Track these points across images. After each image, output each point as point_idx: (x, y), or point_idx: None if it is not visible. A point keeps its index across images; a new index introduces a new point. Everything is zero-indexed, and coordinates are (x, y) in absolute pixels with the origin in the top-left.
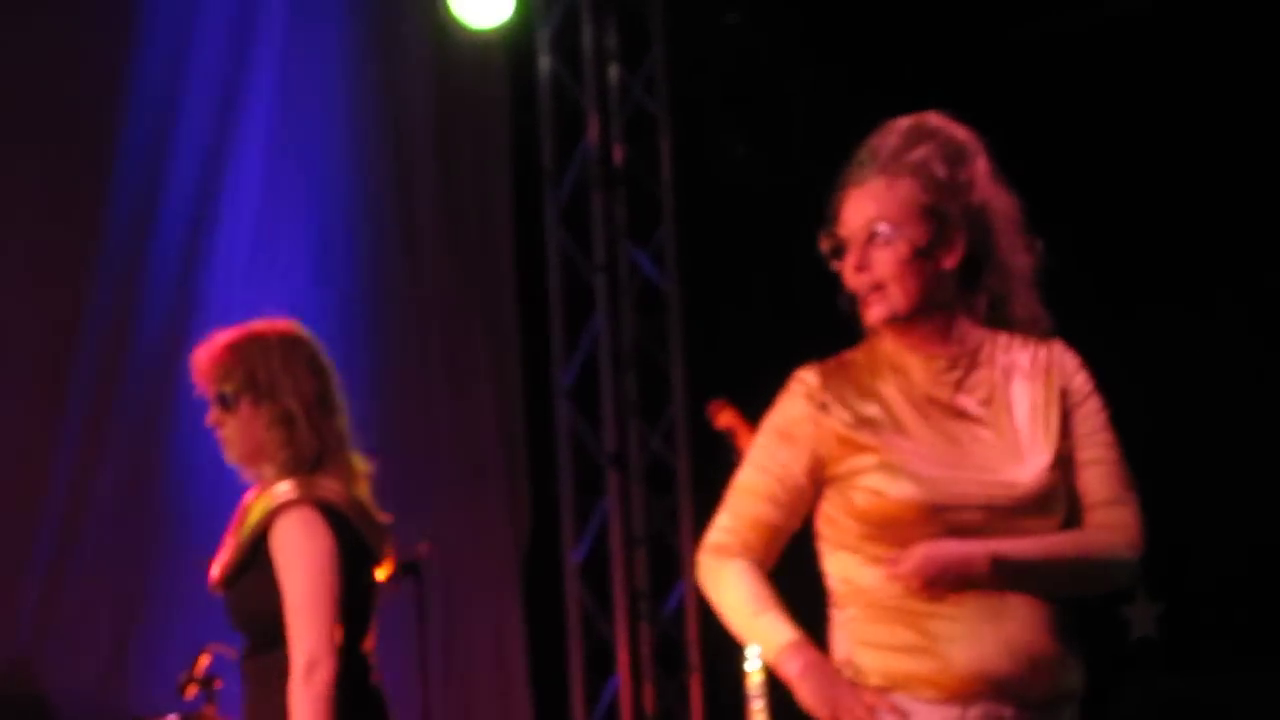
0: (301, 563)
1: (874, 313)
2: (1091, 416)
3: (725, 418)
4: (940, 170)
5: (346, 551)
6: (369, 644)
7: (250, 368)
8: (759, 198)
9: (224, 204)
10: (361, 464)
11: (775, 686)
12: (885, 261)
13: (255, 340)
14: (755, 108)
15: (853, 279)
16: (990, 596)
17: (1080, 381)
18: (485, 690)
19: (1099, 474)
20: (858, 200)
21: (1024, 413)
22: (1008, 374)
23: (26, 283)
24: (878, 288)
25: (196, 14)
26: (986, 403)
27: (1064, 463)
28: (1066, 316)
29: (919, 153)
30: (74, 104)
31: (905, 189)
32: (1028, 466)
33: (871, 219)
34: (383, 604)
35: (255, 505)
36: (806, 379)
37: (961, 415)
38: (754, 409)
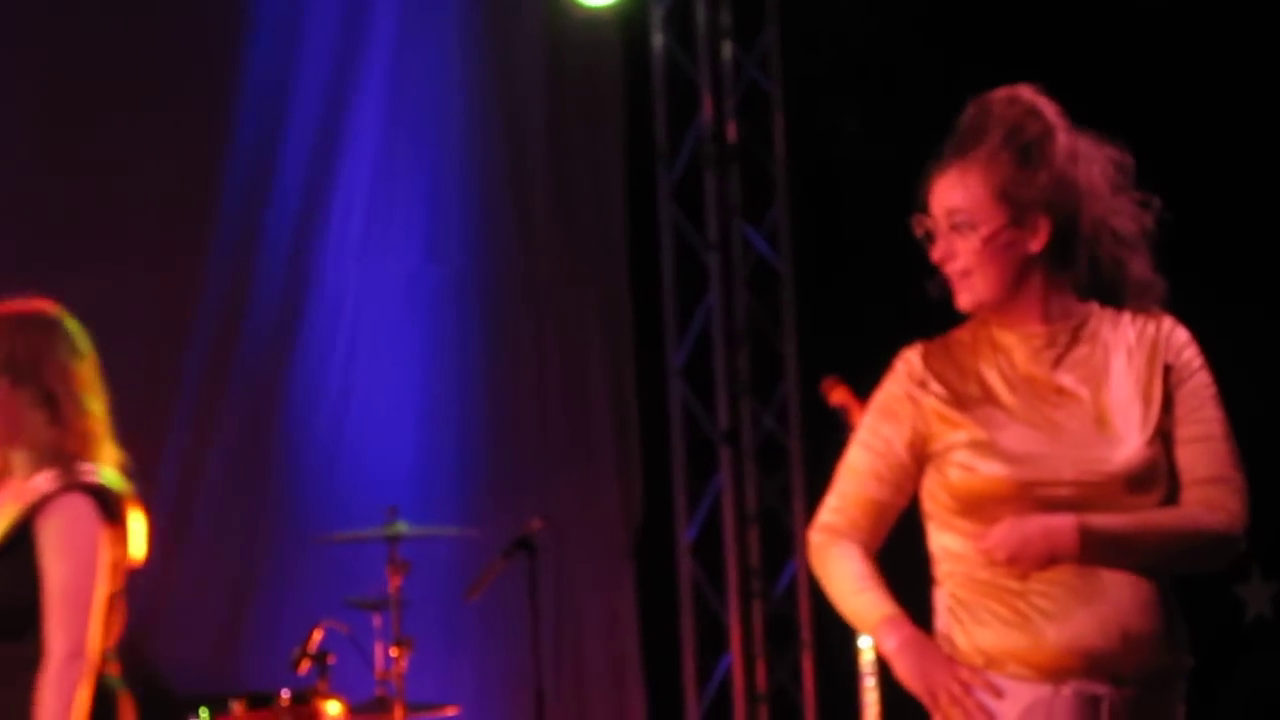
0: (69, 551)
1: (961, 300)
2: (1197, 393)
3: (838, 395)
4: (1010, 156)
5: (114, 538)
6: (113, 637)
7: (9, 348)
8: (871, 175)
9: (337, 183)
10: (118, 452)
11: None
12: (966, 250)
13: (13, 320)
14: (868, 85)
15: (941, 266)
16: (1085, 574)
17: (1188, 357)
18: (598, 666)
19: (1201, 451)
20: (940, 187)
21: (1126, 389)
22: (1111, 350)
23: (140, 265)
24: (964, 275)
25: None
26: (1086, 380)
27: (1164, 439)
28: (1175, 294)
29: (992, 139)
30: (189, 90)
31: (976, 177)
32: (1125, 443)
33: (949, 208)
34: (497, 580)
35: (13, 495)
36: (909, 357)
37: (1059, 392)
38: (866, 387)
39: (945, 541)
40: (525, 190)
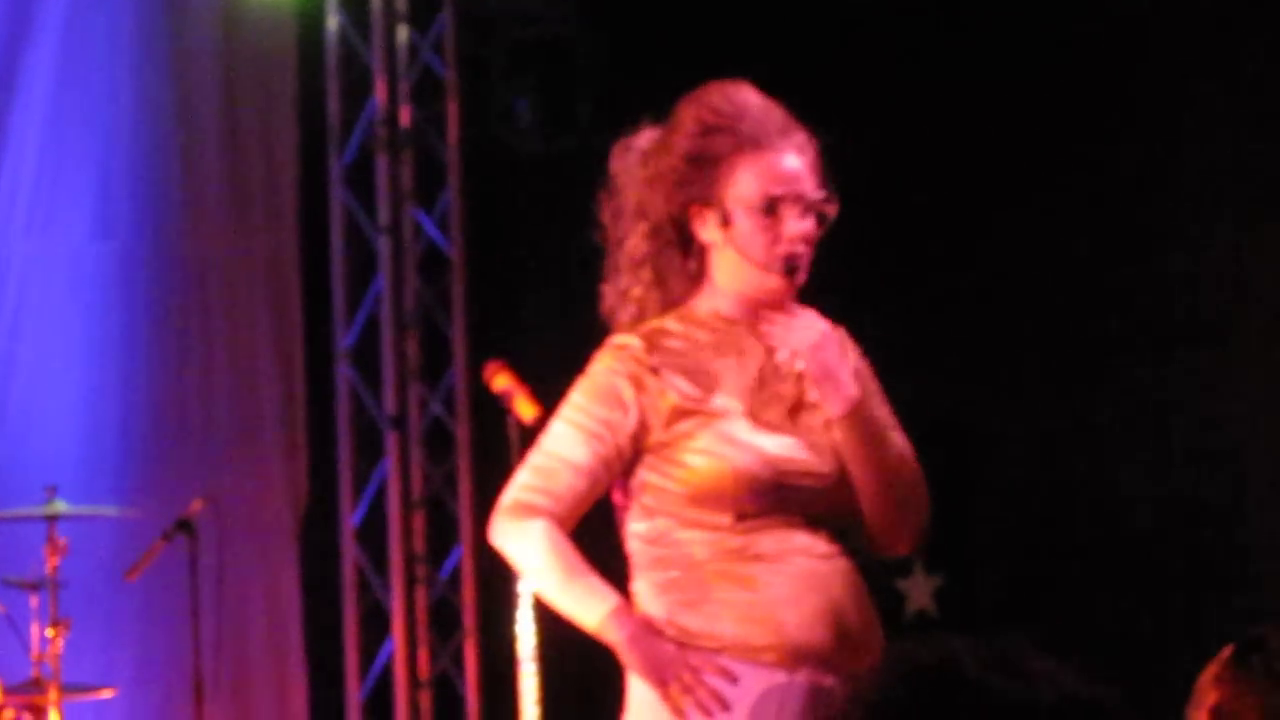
0: None
1: (799, 278)
2: (867, 386)
3: (501, 380)
4: (816, 147)
5: None
6: None
7: None
8: (544, 163)
9: (2, 159)
10: None
11: (547, 650)
12: (811, 233)
13: None
14: (542, 72)
15: (800, 246)
16: (813, 562)
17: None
18: (259, 650)
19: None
20: (788, 168)
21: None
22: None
23: None
24: (806, 256)
25: None
26: (802, 374)
27: None
28: (854, 295)
29: (799, 128)
30: None
31: (811, 162)
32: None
33: (809, 190)
34: (159, 562)
35: None
36: (631, 344)
37: (785, 379)
38: (534, 373)
39: (663, 528)
40: (196, 169)
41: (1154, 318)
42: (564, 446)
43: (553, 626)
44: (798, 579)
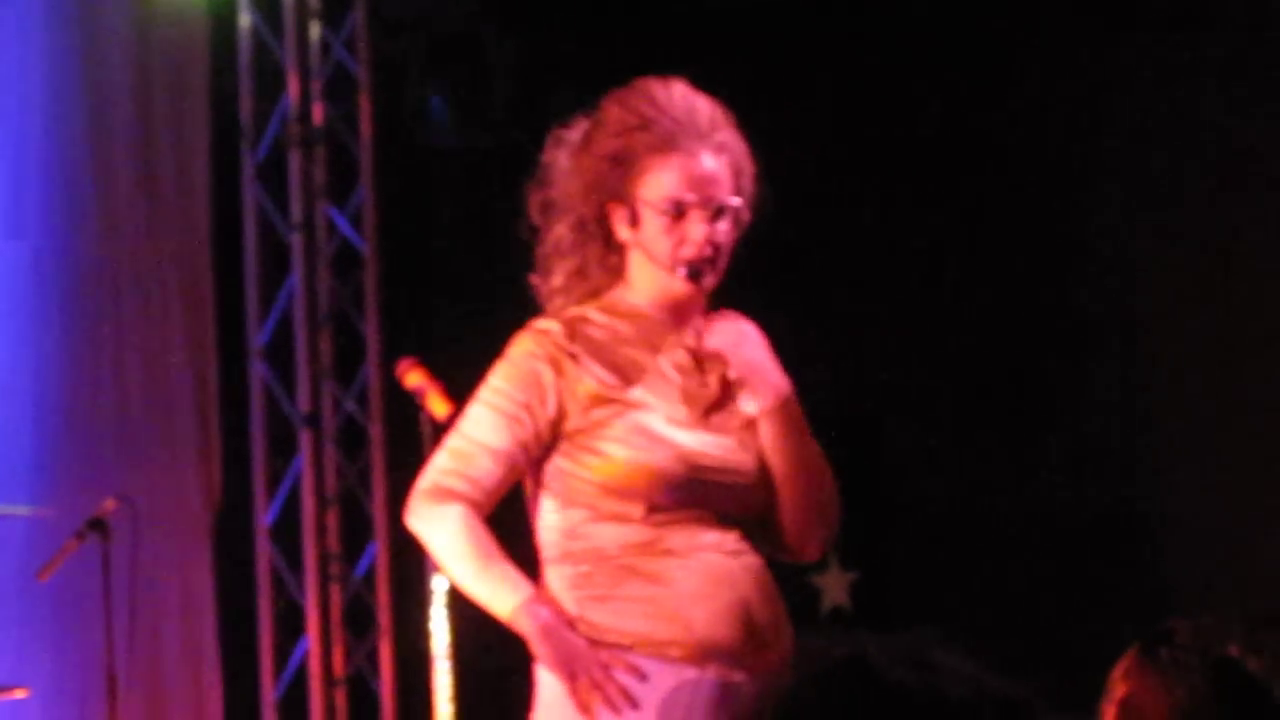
0: None
1: (706, 283)
2: None
3: (413, 378)
4: (744, 146)
5: None
6: None
7: None
8: (458, 160)
9: None
10: None
11: (461, 646)
12: (726, 235)
13: None
14: (455, 69)
15: (709, 249)
16: (723, 559)
17: None
18: (174, 649)
19: None
20: (698, 171)
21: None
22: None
23: None
24: (717, 259)
25: None
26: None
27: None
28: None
29: (726, 127)
30: None
31: (730, 163)
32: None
33: (721, 193)
34: (73, 562)
35: None
36: (551, 330)
37: (704, 378)
38: (448, 370)
39: (575, 519)
40: (107, 167)
41: (1068, 312)
42: (481, 431)
43: (466, 623)
44: (706, 575)
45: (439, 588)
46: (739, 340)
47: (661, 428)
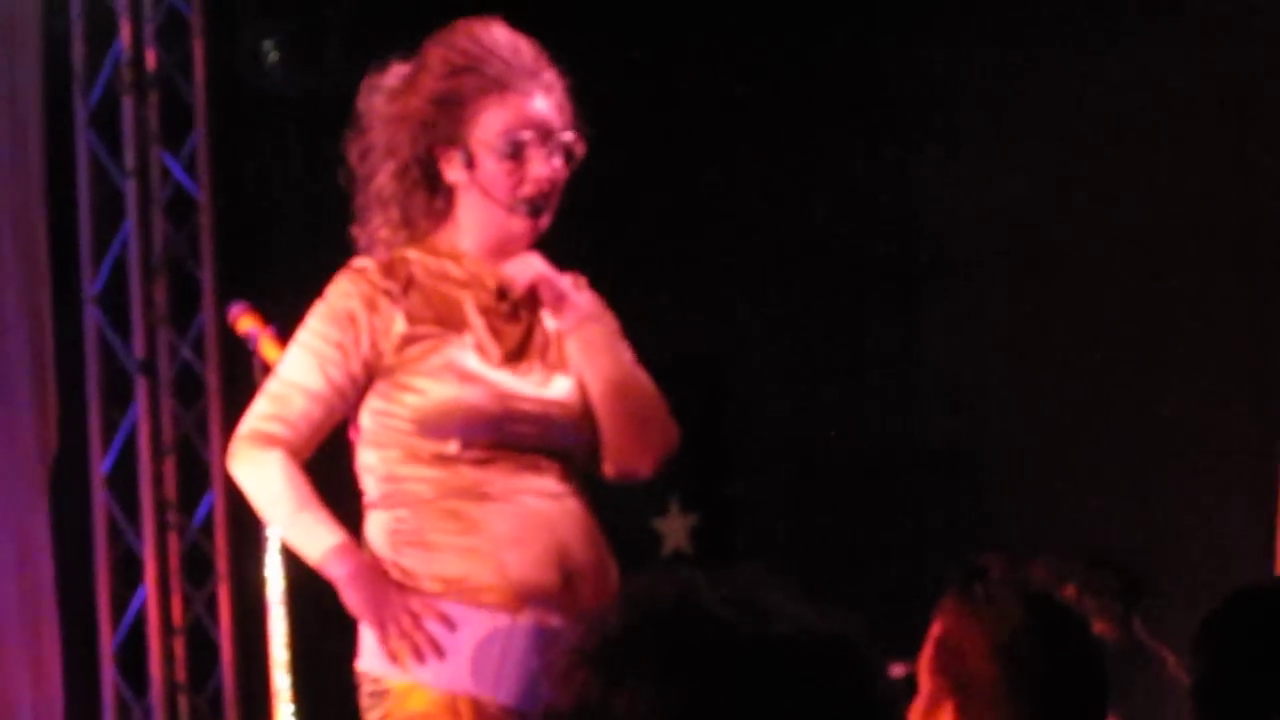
0: None
1: (543, 222)
2: None
3: (245, 323)
4: (565, 84)
5: None
6: None
7: None
8: (292, 104)
9: None
10: None
11: (297, 591)
12: (558, 171)
13: None
14: (290, 14)
15: (545, 184)
16: (542, 502)
17: None
18: (10, 601)
19: None
20: (531, 108)
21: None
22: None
23: None
24: (553, 195)
25: None
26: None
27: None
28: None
29: (549, 66)
30: None
31: (559, 101)
32: (564, 377)
33: (556, 128)
34: None
35: None
36: (367, 269)
37: (517, 318)
38: (286, 315)
39: (391, 461)
40: None
41: (902, 255)
42: (298, 372)
43: (303, 570)
44: (523, 519)
45: (275, 534)
46: (545, 272)
47: (474, 365)
